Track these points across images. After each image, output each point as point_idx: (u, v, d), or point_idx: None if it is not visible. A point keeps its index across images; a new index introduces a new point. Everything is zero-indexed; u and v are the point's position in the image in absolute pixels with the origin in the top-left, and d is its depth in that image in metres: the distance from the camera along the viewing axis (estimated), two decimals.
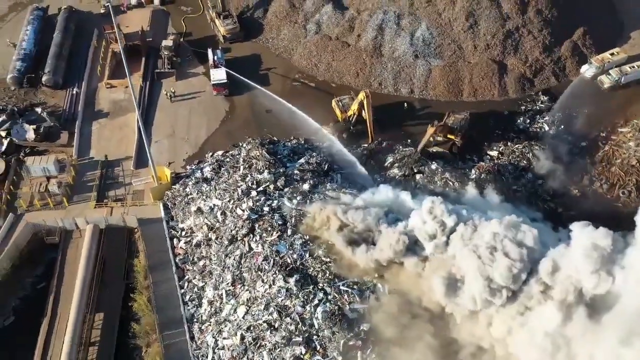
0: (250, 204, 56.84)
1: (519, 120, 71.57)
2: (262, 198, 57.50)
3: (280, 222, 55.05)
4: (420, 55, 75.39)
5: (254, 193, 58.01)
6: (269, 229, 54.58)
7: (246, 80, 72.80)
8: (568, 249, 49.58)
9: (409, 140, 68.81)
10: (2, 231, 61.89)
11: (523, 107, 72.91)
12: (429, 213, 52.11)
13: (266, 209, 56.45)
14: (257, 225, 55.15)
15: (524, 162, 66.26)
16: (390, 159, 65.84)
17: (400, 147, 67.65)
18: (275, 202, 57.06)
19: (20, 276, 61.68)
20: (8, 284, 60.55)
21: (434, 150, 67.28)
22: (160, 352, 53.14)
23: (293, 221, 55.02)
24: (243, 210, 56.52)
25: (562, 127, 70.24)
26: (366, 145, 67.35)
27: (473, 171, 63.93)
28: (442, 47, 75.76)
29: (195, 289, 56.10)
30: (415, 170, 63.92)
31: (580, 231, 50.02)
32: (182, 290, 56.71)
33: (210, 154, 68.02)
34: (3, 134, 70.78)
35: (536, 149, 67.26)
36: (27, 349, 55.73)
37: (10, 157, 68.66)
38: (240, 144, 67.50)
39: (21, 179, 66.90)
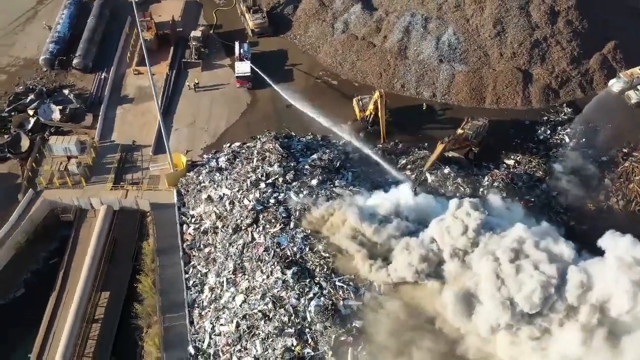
0: (258, 195, 57.49)
1: (539, 131, 70.72)
2: (270, 190, 58.07)
3: (284, 215, 55.51)
4: (445, 59, 75.07)
5: (262, 185, 58.63)
6: (273, 220, 55.11)
7: (264, 75, 73.09)
8: (599, 264, 47.58)
9: (426, 144, 68.51)
10: (21, 206, 63.68)
11: (545, 118, 71.93)
12: (455, 217, 51.65)
13: (272, 201, 56.99)
14: (261, 217, 55.77)
15: (540, 172, 65.37)
16: (403, 161, 65.66)
17: (416, 149, 67.45)
18: (282, 195, 57.55)
19: (34, 250, 63.51)
20: (22, 257, 62.45)
21: (450, 155, 66.84)
22: (160, 334, 54.09)
23: (297, 215, 55.35)
24: (249, 201, 57.24)
25: (584, 140, 69.14)
26: (380, 145, 67.16)
27: (486, 178, 63.38)
28: (468, 53, 75.31)
29: (199, 275, 56.97)
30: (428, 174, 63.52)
31: (615, 243, 47.79)
32: (187, 276, 57.62)
33: (228, 144, 68.80)
34: (31, 112, 72.91)
35: (554, 160, 66.32)
36: (34, 321, 57.45)
37: (35, 136, 70.58)
38: (258, 137, 68.09)
39: (43, 157, 68.68)
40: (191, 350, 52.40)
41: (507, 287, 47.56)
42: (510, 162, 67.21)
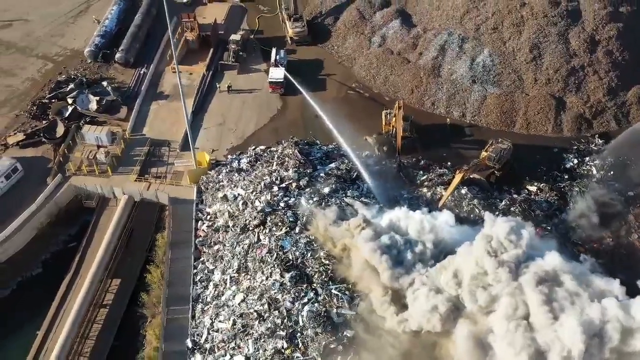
0: (269, 197, 58.28)
1: (567, 159, 69.39)
2: (281, 194, 58.79)
3: (291, 219, 56.10)
4: (478, 80, 74.60)
5: (275, 188, 59.41)
6: (279, 223, 55.78)
7: (295, 82, 73.92)
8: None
9: (449, 163, 68.16)
10: (48, 189, 66.10)
11: (575, 147, 70.56)
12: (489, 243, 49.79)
13: (282, 204, 57.70)
14: (269, 219, 56.51)
15: (561, 201, 64.17)
16: (422, 177, 65.42)
17: (437, 168, 67.13)
18: (293, 199, 58.18)
19: (55, 233, 65.90)
20: (43, 237, 64.83)
21: (472, 177, 66.26)
22: (162, 324, 55.27)
23: (304, 220, 55.83)
24: (260, 203, 58.04)
25: (611, 172, 67.52)
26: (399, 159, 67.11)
27: (503, 202, 62.61)
28: (502, 76, 74.63)
29: (206, 271, 57.96)
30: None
31: None
32: (195, 271, 58.65)
33: (253, 147, 69.81)
34: (69, 101, 75.72)
35: (577, 190, 65.04)
36: (46, 300, 59.58)
37: (70, 123, 73.23)
38: (283, 142, 68.95)
39: (75, 145, 71.12)
40: (189, 343, 53.32)
41: (542, 338, 45.45)
42: (533, 188, 66.12)
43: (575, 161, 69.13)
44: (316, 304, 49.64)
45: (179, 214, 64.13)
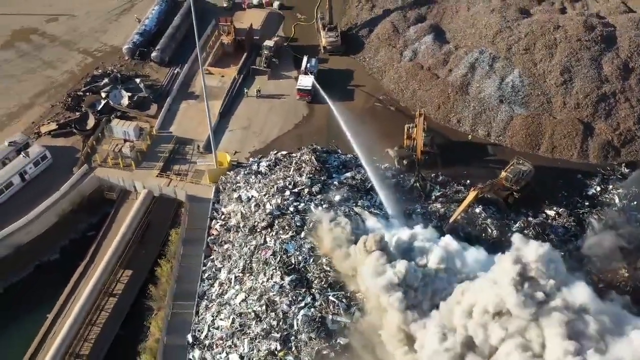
0: (279, 201, 58.93)
1: (590, 186, 68.11)
2: (292, 198, 59.36)
3: (298, 224, 56.60)
4: (506, 100, 73.94)
5: (287, 192, 60.03)
6: (286, 227, 56.36)
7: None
8: None
9: (467, 181, 67.70)
10: (73, 178, 68.23)
11: (600, 175, 69.21)
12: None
13: (291, 209, 58.26)
14: (277, 222, 57.16)
15: (579, 228, 63.03)
16: (437, 193, 65.15)
17: (455, 185, 66.76)
18: (303, 204, 58.66)
19: (75, 221, 67.93)
20: (63, 224, 66.90)
21: (488, 196, 65.67)
22: (166, 318, 56.34)
23: (310, 226, 56.25)
24: (270, 205, 58.72)
25: (635, 203, 65.99)
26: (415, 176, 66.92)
27: (517, 224, 61.88)
28: (530, 97, 73.80)
29: (214, 269, 58.93)
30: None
31: None
32: (204, 268, 59.71)
33: (275, 152, 70.59)
34: (103, 95, 78.09)
35: (597, 218, 63.79)
36: (61, 285, 61.42)
37: (102, 116, 75.45)
38: (302, 148, 69.52)
39: (104, 138, 73.23)
40: (189, 338, 54.27)
41: None
42: (551, 212, 65.09)
43: (598, 188, 67.76)
44: (312, 309, 49.96)
45: (195, 211, 65.38)
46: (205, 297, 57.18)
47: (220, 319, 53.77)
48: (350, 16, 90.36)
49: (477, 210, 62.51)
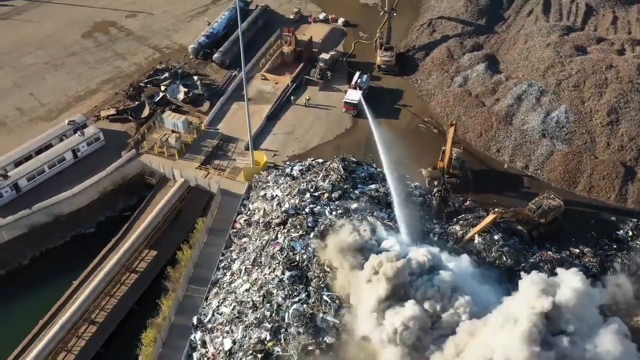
0: (297, 201, 60.86)
1: (621, 231, 66.44)
2: (310, 200, 61.18)
3: (310, 225, 58.28)
4: (548, 135, 73.29)
5: (307, 195, 61.91)
6: (298, 226, 58.22)
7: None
8: None
9: (496, 209, 67.41)
10: (120, 161, 72.89)
11: (635, 221, 67.37)
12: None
13: (307, 210, 60.05)
14: (290, 220, 59.09)
15: (600, 269, 61.65)
16: (460, 215, 65.29)
17: (481, 211, 66.73)
18: (318, 207, 60.33)
19: (115, 199, 72.35)
20: (103, 202, 71.39)
21: (515, 227, 65.19)
22: (177, 299, 59.13)
23: (321, 228, 57.78)
24: (288, 205, 60.75)
25: None
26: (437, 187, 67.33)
27: (535, 256, 61.23)
28: (574, 134, 72.90)
29: (229, 260, 61.39)
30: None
31: None
32: (221, 258, 62.26)
33: (312, 159, 72.68)
34: (162, 88, 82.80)
35: (621, 262, 62.25)
36: (92, 256, 65.43)
37: (157, 108, 79.98)
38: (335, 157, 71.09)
39: (155, 128, 77.58)
40: (194, 321, 56.74)
41: None
42: (576, 251, 64.02)
43: (630, 233, 66.01)
44: (304, 305, 51.49)
45: (224, 205, 68.22)
46: (217, 285, 59.58)
47: (225, 306, 56.02)
48: (411, 39, 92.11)
49: (496, 237, 62.22)
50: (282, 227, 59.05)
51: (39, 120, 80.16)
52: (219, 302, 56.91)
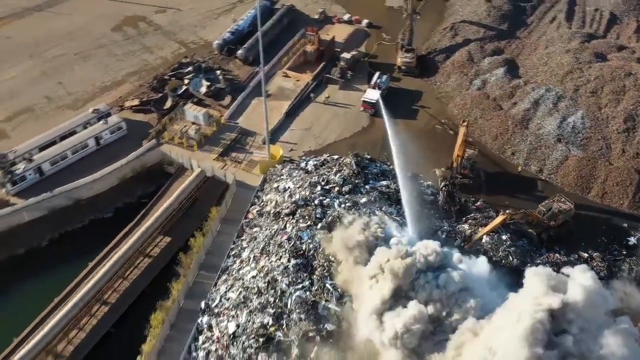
0: (307, 193, 62.05)
1: (632, 238, 66.28)
2: (320, 193, 62.31)
3: (318, 216, 59.40)
4: (564, 140, 73.49)
5: (318, 187, 63.08)
6: (307, 217, 59.39)
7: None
8: None
9: (507, 211, 67.74)
10: (140, 150, 74.88)
11: None
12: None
13: (316, 201, 61.20)
14: (299, 211, 60.31)
15: (607, 273, 61.64)
16: (469, 215, 65.79)
17: (491, 210, 67.16)
18: (328, 200, 61.43)
19: (134, 186, 74.37)
20: (123, 188, 73.47)
21: (525, 228, 65.49)
22: (187, 283, 60.68)
23: (329, 219, 58.84)
24: (299, 196, 61.99)
25: None
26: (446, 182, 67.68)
27: (542, 257, 61.47)
28: (589, 140, 73.04)
29: (240, 248, 62.74)
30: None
31: None
32: (232, 246, 63.64)
33: (327, 155, 73.86)
34: (185, 81, 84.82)
35: (626, 266, 62.18)
36: (108, 240, 67.41)
37: (180, 100, 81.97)
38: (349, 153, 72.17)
39: (176, 119, 79.49)
40: (202, 305, 58.19)
41: None
42: (585, 255, 64.09)
43: None
44: (307, 293, 52.58)
45: (239, 195, 69.65)
46: (227, 272, 60.95)
47: (232, 292, 57.36)
48: (433, 41, 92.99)
49: (504, 237, 62.61)
50: (291, 217, 60.31)
51: (65, 108, 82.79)
52: (226, 288, 58.28)
